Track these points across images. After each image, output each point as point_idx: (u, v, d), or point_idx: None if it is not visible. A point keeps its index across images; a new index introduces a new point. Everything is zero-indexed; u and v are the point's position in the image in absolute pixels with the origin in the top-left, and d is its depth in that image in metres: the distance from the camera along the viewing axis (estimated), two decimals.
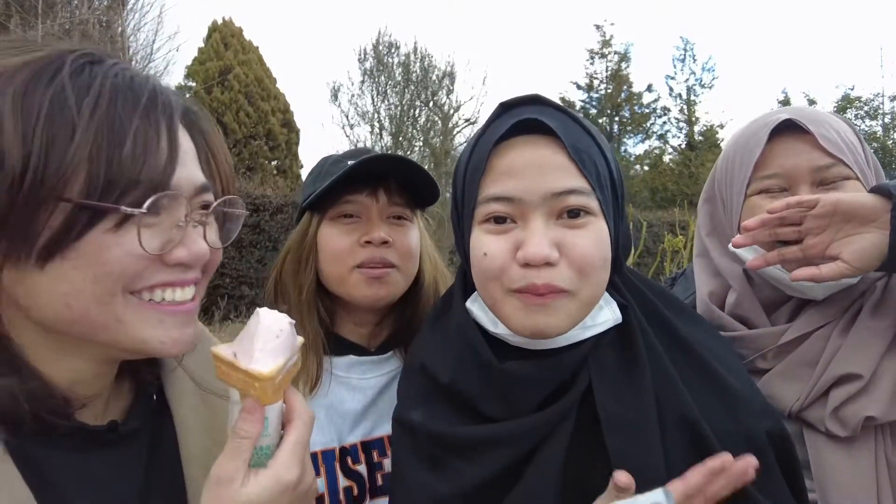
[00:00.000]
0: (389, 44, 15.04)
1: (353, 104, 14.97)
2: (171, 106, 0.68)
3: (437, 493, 0.85)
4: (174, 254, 0.68)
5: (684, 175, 21.95)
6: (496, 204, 0.83)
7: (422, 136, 14.71)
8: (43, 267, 0.63)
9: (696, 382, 0.86)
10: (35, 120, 0.60)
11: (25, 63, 0.63)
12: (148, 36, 9.04)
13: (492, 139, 0.85)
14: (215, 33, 16.18)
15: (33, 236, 0.61)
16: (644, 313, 0.91)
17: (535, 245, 0.79)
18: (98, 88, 0.63)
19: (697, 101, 25.06)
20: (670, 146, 24.84)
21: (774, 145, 1.14)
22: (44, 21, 6.28)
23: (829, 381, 1.07)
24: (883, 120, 22.60)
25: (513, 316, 0.83)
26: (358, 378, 1.24)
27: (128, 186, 0.62)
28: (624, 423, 0.81)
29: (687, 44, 26.33)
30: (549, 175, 0.81)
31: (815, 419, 1.08)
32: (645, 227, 5.12)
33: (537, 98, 0.88)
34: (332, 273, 1.22)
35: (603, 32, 25.05)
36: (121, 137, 0.62)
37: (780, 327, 1.15)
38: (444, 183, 13.74)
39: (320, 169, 1.28)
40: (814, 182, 1.11)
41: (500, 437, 0.84)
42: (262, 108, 15.76)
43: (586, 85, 25.40)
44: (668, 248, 3.90)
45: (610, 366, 0.86)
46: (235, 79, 15.43)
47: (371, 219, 1.21)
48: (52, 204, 0.61)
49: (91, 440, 0.73)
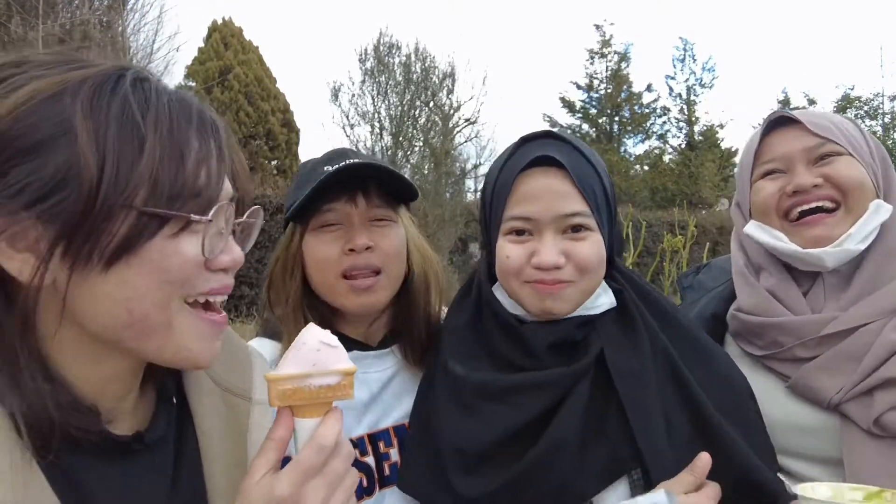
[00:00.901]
0: (390, 44, 15.04)
1: (353, 104, 14.94)
2: (214, 122, 0.74)
3: (482, 437, 1.06)
4: (220, 259, 0.73)
5: (684, 175, 21.94)
6: (517, 221, 1.10)
7: (422, 136, 14.70)
8: (107, 272, 0.66)
9: (679, 343, 1.13)
10: (105, 131, 0.64)
11: (85, 78, 0.67)
12: (148, 36, 9.04)
13: (516, 168, 1.11)
14: (215, 33, 16.19)
15: (103, 242, 0.64)
16: (637, 294, 1.18)
17: (546, 255, 1.07)
18: (156, 104, 0.68)
19: (697, 101, 25.08)
20: (670, 146, 24.86)
21: (771, 138, 1.25)
22: (44, 21, 6.29)
23: (875, 382, 1.07)
24: (883, 120, 22.62)
25: (527, 300, 1.11)
26: (362, 373, 1.26)
27: (189, 196, 0.68)
28: (629, 374, 1.07)
29: (687, 44, 26.33)
30: (558, 200, 1.08)
31: (855, 415, 1.09)
32: (644, 227, 5.13)
33: (550, 133, 1.16)
34: (320, 282, 1.24)
35: (603, 32, 25.07)
36: (182, 151, 0.68)
37: (824, 316, 1.16)
38: (444, 183, 13.76)
39: (300, 176, 1.29)
40: (809, 160, 1.19)
41: (537, 381, 1.08)
42: (262, 108, 15.77)
43: (586, 85, 25.40)
44: (667, 247, 3.91)
45: (616, 335, 1.13)
46: (235, 79, 15.44)
47: (353, 225, 1.22)
48: (123, 211, 0.64)
49: (119, 450, 0.75)
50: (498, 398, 1.09)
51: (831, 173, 1.16)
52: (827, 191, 1.16)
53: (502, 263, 1.12)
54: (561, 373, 1.08)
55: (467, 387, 1.12)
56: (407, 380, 1.31)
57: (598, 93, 25.33)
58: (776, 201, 1.20)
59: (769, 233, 1.21)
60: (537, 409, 1.06)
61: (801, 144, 1.19)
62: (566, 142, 1.14)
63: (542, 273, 1.08)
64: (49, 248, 0.64)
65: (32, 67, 0.68)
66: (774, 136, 1.24)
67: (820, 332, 1.14)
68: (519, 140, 1.17)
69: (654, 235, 10.49)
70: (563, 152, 1.10)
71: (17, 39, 6.29)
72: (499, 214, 1.13)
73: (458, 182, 14.88)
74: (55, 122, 0.64)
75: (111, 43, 7.32)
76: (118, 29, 7.68)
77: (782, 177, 1.21)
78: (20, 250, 0.65)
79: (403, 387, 1.30)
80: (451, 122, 14.74)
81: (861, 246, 1.14)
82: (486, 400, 1.10)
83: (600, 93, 25.29)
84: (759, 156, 1.25)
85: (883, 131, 22.40)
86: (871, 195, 1.15)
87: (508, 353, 1.14)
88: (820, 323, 1.15)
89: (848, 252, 1.14)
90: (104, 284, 0.66)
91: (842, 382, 1.10)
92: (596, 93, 25.36)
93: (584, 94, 25.45)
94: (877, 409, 1.06)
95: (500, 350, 1.15)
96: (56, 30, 6.49)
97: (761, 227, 1.23)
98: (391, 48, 15.01)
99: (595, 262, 1.10)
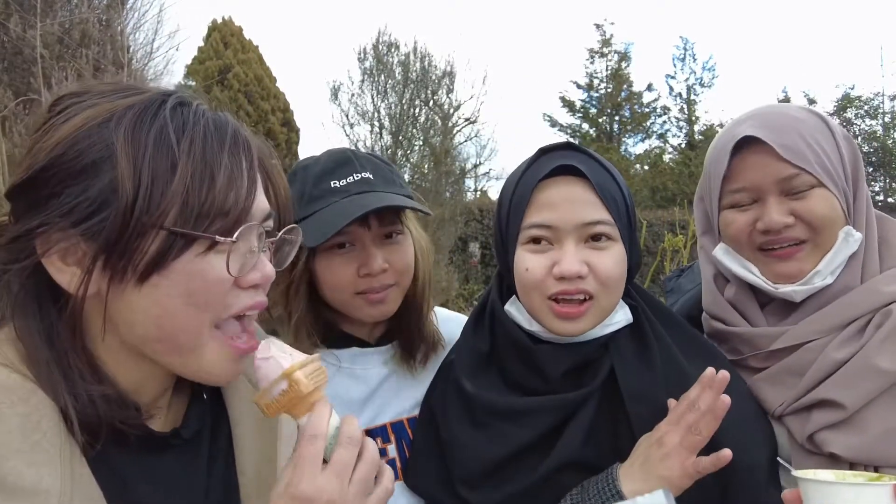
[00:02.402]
0: (389, 43, 15.02)
1: (352, 103, 14.94)
2: (249, 144, 0.78)
3: (488, 453, 1.07)
4: (249, 276, 0.77)
5: (684, 174, 21.91)
6: (537, 230, 1.06)
7: (422, 136, 14.69)
8: (140, 288, 0.71)
9: (691, 351, 1.13)
10: (143, 156, 0.69)
11: (130, 105, 0.72)
12: (148, 35, 9.01)
13: (535, 177, 1.07)
14: (215, 32, 16.16)
15: (136, 259, 0.70)
16: (650, 309, 1.17)
17: (569, 263, 1.03)
18: (192, 128, 0.73)
19: (697, 100, 25.05)
20: (670, 145, 24.83)
21: (740, 158, 1.16)
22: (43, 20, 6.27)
23: (811, 401, 1.09)
24: (883, 119, 22.58)
25: (547, 320, 1.08)
26: (361, 369, 1.31)
27: (217, 216, 0.72)
28: (641, 395, 1.06)
29: (687, 43, 26.28)
30: (580, 208, 1.05)
31: (793, 429, 1.11)
32: (645, 227, 5.12)
33: (569, 145, 1.13)
34: (335, 299, 1.28)
35: (603, 32, 25.03)
36: (212, 173, 0.72)
37: (777, 329, 1.17)
38: (443, 182, 13.73)
39: (301, 188, 1.27)
40: (781, 192, 1.13)
41: (544, 406, 1.08)
42: (262, 108, 15.74)
43: (586, 84, 25.37)
44: (668, 247, 3.90)
45: (628, 353, 1.10)
46: (235, 78, 15.41)
47: (366, 246, 1.24)
48: (154, 230, 0.69)
49: (158, 445, 0.81)
50: (506, 417, 1.09)
51: (802, 211, 1.12)
52: (796, 232, 1.13)
53: (521, 276, 1.08)
54: (571, 398, 1.07)
55: (477, 404, 1.12)
56: (403, 377, 1.34)
57: (599, 92, 25.30)
58: (747, 235, 1.18)
59: (740, 262, 1.20)
60: (545, 427, 1.07)
61: (775, 175, 1.12)
62: (586, 153, 1.11)
63: (564, 284, 1.04)
64: (91, 262, 0.70)
65: (91, 97, 0.74)
66: (744, 159, 1.15)
67: (770, 346, 1.16)
68: (537, 151, 1.14)
69: (655, 235, 10.48)
70: (583, 162, 1.07)
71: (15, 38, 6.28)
72: (517, 225, 1.09)
73: (457, 181, 14.86)
74: (101, 147, 0.70)
75: (110, 42, 7.31)
76: (117, 28, 7.66)
77: (752, 209, 1.16)
78: (69, 264, 0.72)
79: (400, 384, 1.34)
80: (450, 122, 14.73)
81: (829, 280, 1.13)
82: (495, 418, 1.10)
83: (600, 92, 25.26)
84: (729, 179, 1.18)
85: (883, 131, 22.37)
86: (840, 224, 1.13)
87: (520, 375, 1.12)
88: (771, 337, 1.16)
89: (816, 287, 1.14)
90: (139, 299, 0.72)
91: (784, 396, 1.12)
92: (596, 92, 25.33)
93: (584, 94, 25.42)
94: (810, 428, 1.07)
95: (512, 371, 1.13)
96: (55, 28, 6.47)
97: (731, 255, 1.21)
98: (390, 47, 14.99)
99: (617, 276, 1.07)
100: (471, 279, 9.80)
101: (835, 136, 1.17)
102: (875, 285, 1.11)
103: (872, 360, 1.05)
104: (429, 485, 1.15)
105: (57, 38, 6.47)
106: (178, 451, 0.83)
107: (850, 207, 1.16)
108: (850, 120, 22.64)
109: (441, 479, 1.12)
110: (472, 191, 17.88)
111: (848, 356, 1.07)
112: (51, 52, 6.48)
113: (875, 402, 1.04)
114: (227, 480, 0.88)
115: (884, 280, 1.12)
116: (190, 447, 0.85)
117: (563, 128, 24.92)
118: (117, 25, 7.78)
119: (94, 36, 6.98)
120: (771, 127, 1.13)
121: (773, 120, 1.15)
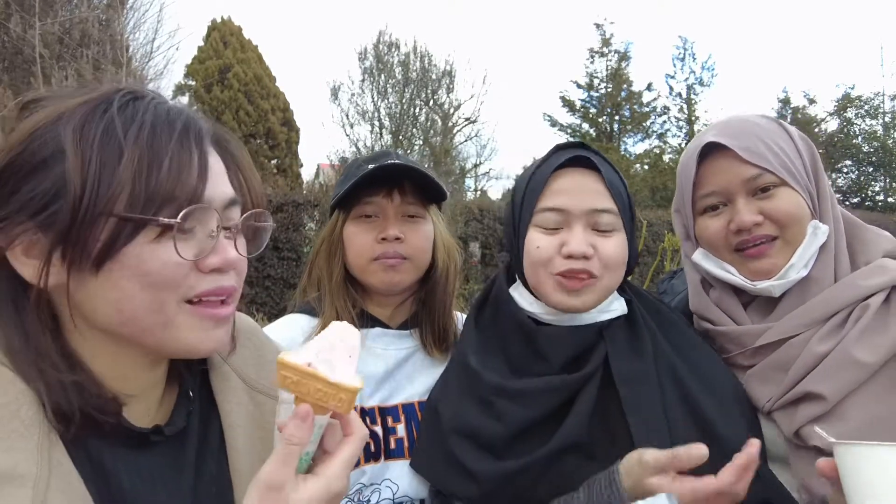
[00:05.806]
0: (389, 43, 15.02)
1: (353, 103, 14.94)
2: (201, 132, 0.79)
3: (492, 430, 1.12)
4: (207, 261, 0.77)
5: None
6: (549, 213, 1.16)
7: (422, 135, 14.70)
8: (97, 275, 0.73)
9: (683, 344, 1.21)
10: (91, 146, 0.72)
11: (83, 102, 0.75)
12: (147, 34, 9.01)
13: (551, 167, 1.18)
14: (214, 32, 16.16)
15: (90, 247, 0.71)
16: (643, 304, 1.26)
17: (577, 243, 1.12)
18: (140, 119, 0.74)
19: (697, 100, 25.01)
20: (670, 145, 24.79)
21: (706, 166, 1.25)
22: (42, 19, 6.26)
23: (797, 395, 1.12)
24: (883, 119, 22.60)
25: (552, 294, 1.16)
26: (382, 348, 1.42)
27: (164, 202, 0.73)
28: (631, 379, 1.13)
29: (686, 43, 26.26)
30: (590, 196, 1.15)
31: (781, 424, 1.14)
32: (645, 227, 5.12)
33: (582, 144, 1.24)
34: (356, 264, 1.41)
35: (603, 31, 25.00)
36: (159, 160, 0.73)
37: (761, 326, 1.21)
38: (443, 182, 13.72)
39: (346, 171, 1.47)
40: (748, 192, 1.21)
41: (543, 387, 1.14)
42: (262, 107, 15.75)
43: (586, 84, 25.34)
44: (667, 246, 3.90)
45: (621, 340, 1.18)
46: (235, 77, 15.42)
47: (387, 217, 1.40)
48: (104, 218, 0.71)
49: (139, 441, 0.82)
50: (509, 397, 1.15)
51: (770, 210, 1.19)
52: (766, 229, 1.20)
53: (532, 254, 1.17)
54: (569, 379, 1.14)
55: (482, 381, 1.18)
56: (420, 362, 1.44)
57: (598, 92, 25.27)
58: (722, 238, 1.24)
59: (718, 264, 1.27)
60: (549, 408, 1.12)
61: (739, 176, 1.19)
62: (597, 153, 1.22)
63: (571, 262, 1.12)
64: (48, 252, 0.72)
65: (51, 100, 0.77)
66: (711, 164, 1.23)
67: (755, 343, 1.20)
68: (553, 148, 1.25)
69: (655, 234, 10.47)
70: (595, 158, 1.18)
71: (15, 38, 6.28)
72: (530, 209, 1.19)
73: (458, 181, 14.88)
74: (52, 144, 0.73)
75: (110, 41, 7.30)
76: (117, 27, 7.66)
77: (725, 211, 1.23)
78: (32, 257, 0.74)
79: (416, 368, 1.43)
80: (450, 122, 14.73)
81: (804, 272, 1.19)
82: (500, 396, 1.15)
83: (600, 92, 25.24)
84: (699, 185, 1.25)
85: (883, 130, 22.39)
86: (807, 219, 1.20)
87: (520, 356, 1.19)
88: (755, 334, 1.21)
89: (793, 280, 1.19)
90: (97, 286, 0.74)
91: (771, 392, 1.16)
92: (596, 92, 25.30)
93: (584, 93, 25.35)
94: (797, 422, 1.11)
95: (513, 351, 1.20)
96: (55, 28, 6.47)
97: (710, 258, 1.28)
98: (390, 47, 14.99)
99: (619, 260, 1.16)
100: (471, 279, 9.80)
101: (792, 137, 1.24)
102: (854, 280, 1.16)
103: (851, 352, 1.09)
104: (434, 466, 1.20)
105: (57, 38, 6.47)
106: (162, 448, 0.84)
107: (815, 203, 1.22)
108: (850, 120, 22.66)
109: (447, 459, 1.16)
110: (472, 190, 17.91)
111: (829, 349, 1.11)
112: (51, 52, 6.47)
113: (855, 393, 1.08)
114: (220, 480, 0.88)
115: (862, 275, 1.16)
116: (174, 445, 0.85)
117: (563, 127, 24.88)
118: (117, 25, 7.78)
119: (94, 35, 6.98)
120: (732, 133, 1.21)
121: (733, 127, 1.23)
